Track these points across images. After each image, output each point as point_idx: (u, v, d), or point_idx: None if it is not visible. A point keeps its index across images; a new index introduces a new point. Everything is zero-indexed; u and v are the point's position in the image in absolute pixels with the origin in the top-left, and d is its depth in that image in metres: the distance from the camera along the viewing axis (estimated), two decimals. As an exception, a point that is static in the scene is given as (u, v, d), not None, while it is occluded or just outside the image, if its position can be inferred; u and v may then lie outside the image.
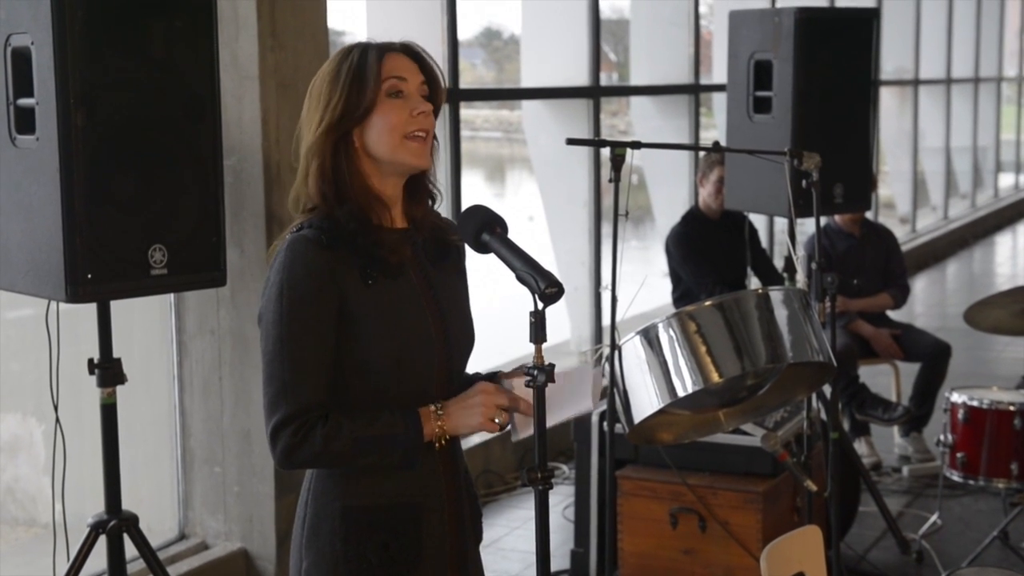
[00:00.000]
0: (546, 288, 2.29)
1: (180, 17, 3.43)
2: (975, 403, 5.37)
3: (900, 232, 13.46)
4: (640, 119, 8.97)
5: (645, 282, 4.46)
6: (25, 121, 3.30)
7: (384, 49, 2.38)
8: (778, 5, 9.95)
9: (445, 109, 6.34)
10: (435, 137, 2.46)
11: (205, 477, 4.98)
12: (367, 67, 2.33)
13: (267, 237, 4.79)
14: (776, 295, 3.88)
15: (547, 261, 5.47)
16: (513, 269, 2.36)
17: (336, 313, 2.33)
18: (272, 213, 4.80)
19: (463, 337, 2.55)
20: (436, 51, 6.36)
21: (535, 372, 2.35)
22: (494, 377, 2.55)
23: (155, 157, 3.39)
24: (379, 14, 6.49)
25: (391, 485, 2.38)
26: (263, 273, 4.69)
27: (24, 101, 3.30)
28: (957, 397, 5.45)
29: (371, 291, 2.36)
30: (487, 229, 2.43)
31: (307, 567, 2.40)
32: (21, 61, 3.28)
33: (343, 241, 2.35)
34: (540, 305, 2.32)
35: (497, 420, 2.43)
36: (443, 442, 2.41)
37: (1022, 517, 5.25)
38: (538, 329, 2.36)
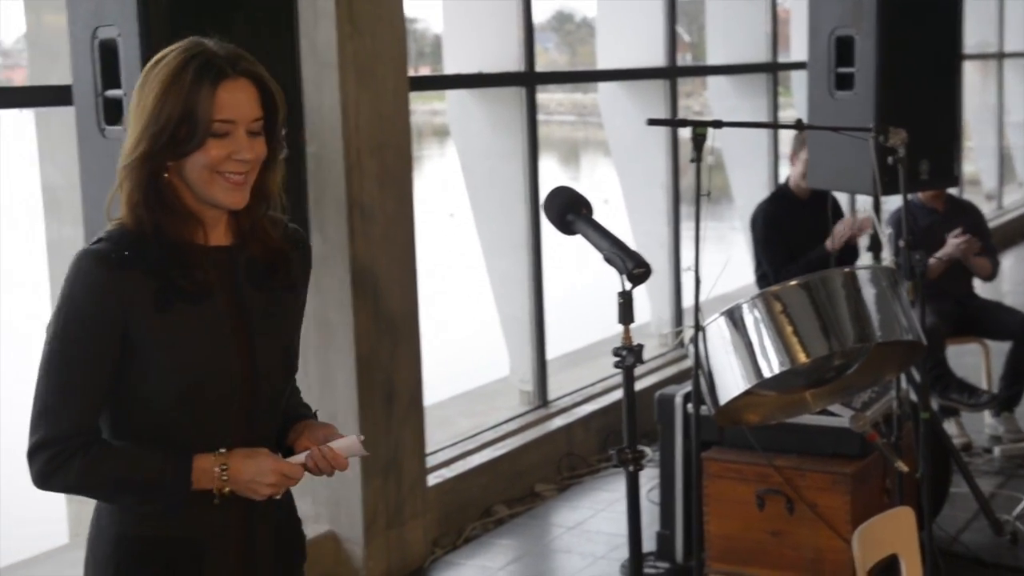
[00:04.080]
0: (634, 268, 2.27)
1: (261, 8, 3.45)
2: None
3: (986, 209, 13.26)
4: (717, 99, 8.91)
5: (728, 263, 4.44)
6: (113, 112, 3.32)
7: (220, 77, 2.09)
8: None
9: (520, 94, 6.33)
10: (269, 159, 2.20)
11: (294, 460, 5.01)
12: (198, 104, 2.07)
13: (348, 223, 4.81)
14: (863, 274, 3.84)
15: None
16: (600, 250, 2.34)
17: (118, 339, 2.10)
18: (353, 199, 4.82)
19: (277, 368, 2.27)
20: (511, 35, 6.35)
21: (624, 353, 2.33)
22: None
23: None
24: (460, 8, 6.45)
25: (171, 518, 2.17)
26: (344, 259, 4.79)
27: (112, 92, 3.32)
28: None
29: (163, 318, 2.11)
30: (572, 210, 2.42)
31: None
32: (108, 53, 3.30)
33: (139, 260, 2.10)
34: (628, 286, 2.30)
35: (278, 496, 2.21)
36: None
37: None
38: (626, 310, 2.35)
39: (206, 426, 2.16)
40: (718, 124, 4.16)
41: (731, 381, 3.76)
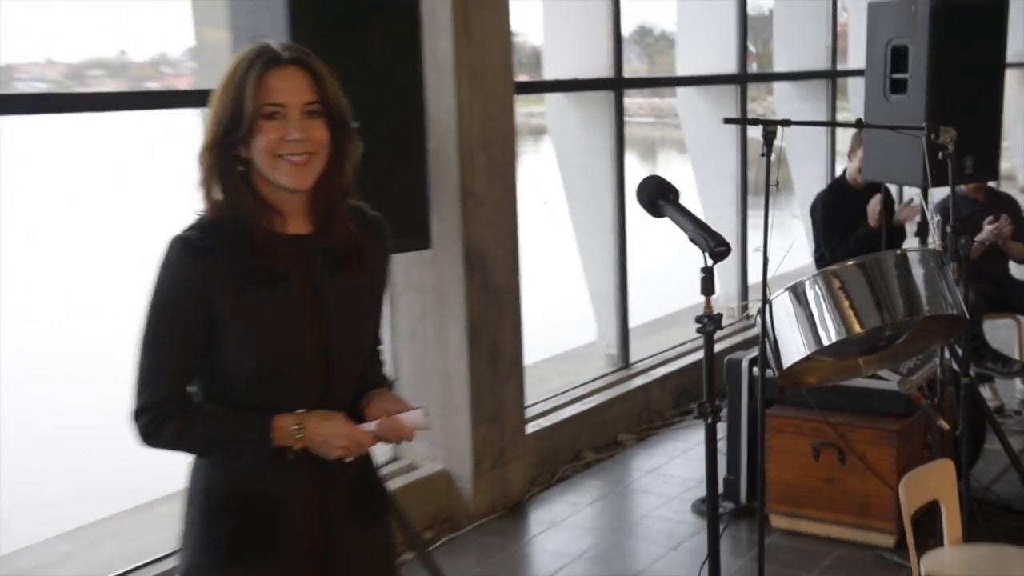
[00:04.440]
0: (715, 247, 2.26)
1: (391, 22, 3.47)
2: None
3: (1022, 200, 13.04)
4: (781, 103, 8.80)
5: (792, 245, 4.41)
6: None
7: (268, 65, 2.01)
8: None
9: (609, 97, 6.32)
10: (341, 151, 2.11)
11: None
12: (246, 90, 1.99)
13: (461, 208, 4.83)
14: (914, 255, 3.78)
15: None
16: (685, 231, 2.33)
17: (203, 318, 2.02)
18: (466, 188, 4.84)
19: (350, 348, 2.17)
20: (601, 47, 6.33)
21: (705, 320, 2.32)
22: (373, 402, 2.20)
23: (372, 142, 3.42)
24: (554, 15, 6.44)
25: (250, 476, 2.09)
26: (459, 239, 4.82)
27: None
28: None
29: (242, 300, 2.02)
30: (662, 196, 2.41)
31: (182, 530, 2.17)
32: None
33: (222, 246, 2.02)
34: (709, 262, 2.29)
35: (349, 459, 2.12)
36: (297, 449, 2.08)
37: None
38: (707, 283, 2.33)
39: (283, 398, 2.07)
40: (787, 123, 4.12)
41: (793, 348, 3.73)
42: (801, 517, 4.71)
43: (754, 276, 7.54)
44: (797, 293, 3.72)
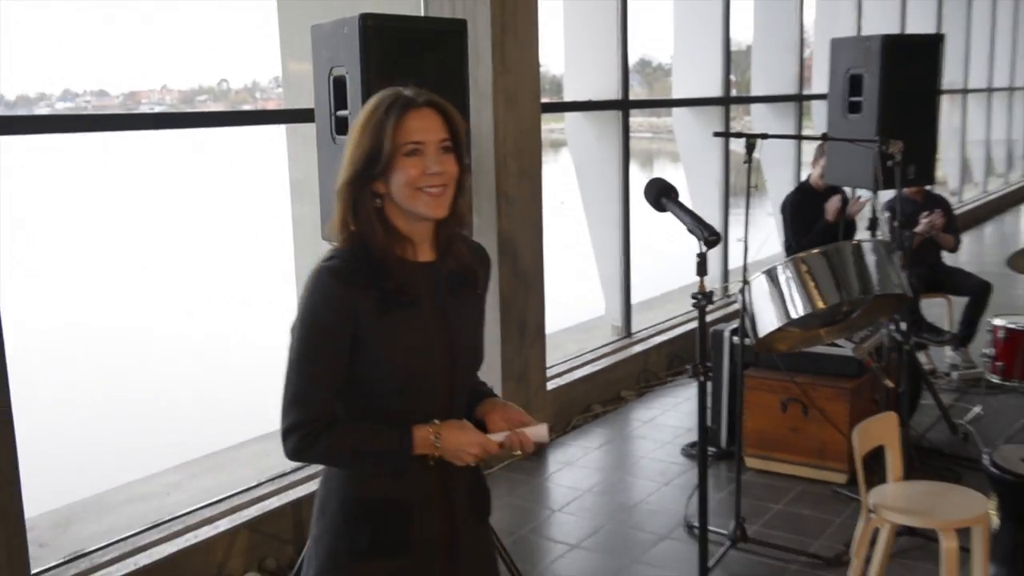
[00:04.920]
0: (709, 236, 2.26)
1: (442, 53, 3.46)
2: (1012, 326, 5.23)
3: (952, 201, 12.96)
4: (758, 121, 8.75)
5: (767, 238, 4.43)
6: (342, 126, 3.36)
7: (406, 107, 1.88)
8: (864, 32, 9.64)
9: (618, 116, 6.31)
10: (460, 183, 1.95)
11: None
12: (386, 129, 1.86)
13: (496, 206, 4.84)
14: (866, 245, 3.79)
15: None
16: (684, 223, 2.34)
17: (349, 340, 1.88)
18: (500, 189, 4.85)
19: (470, 361, 2.04)
20: (611, 75, 6.32)
21: (699, 296, 2.33)
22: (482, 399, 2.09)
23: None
24: (573, 48, 6.43)
25: (384, 483, 1.95)
26: (493, 231, 4.83)
27: (341, 112, 3.37)
28: (999, 321, 5.32)
29: (384, 321, 1.88)
30: (665, 195, 2.41)
31: (315, 535, 2.02)
32: (339, 85, 3.34)
33: (362, 274, 1.88)
34: (704, 249, 2.29)
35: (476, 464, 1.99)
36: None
37: (1045, 410, 5.03)
38: (701, 266, 2.35)
39: (417, 410, 1.94)
40: (764, 136, 4.12)
41: (767, 320, 3.74)
42: (771, 459, 4.71)
43: (734, 262, 7.54)
44: (771, 275, 3.73)
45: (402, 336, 1.91)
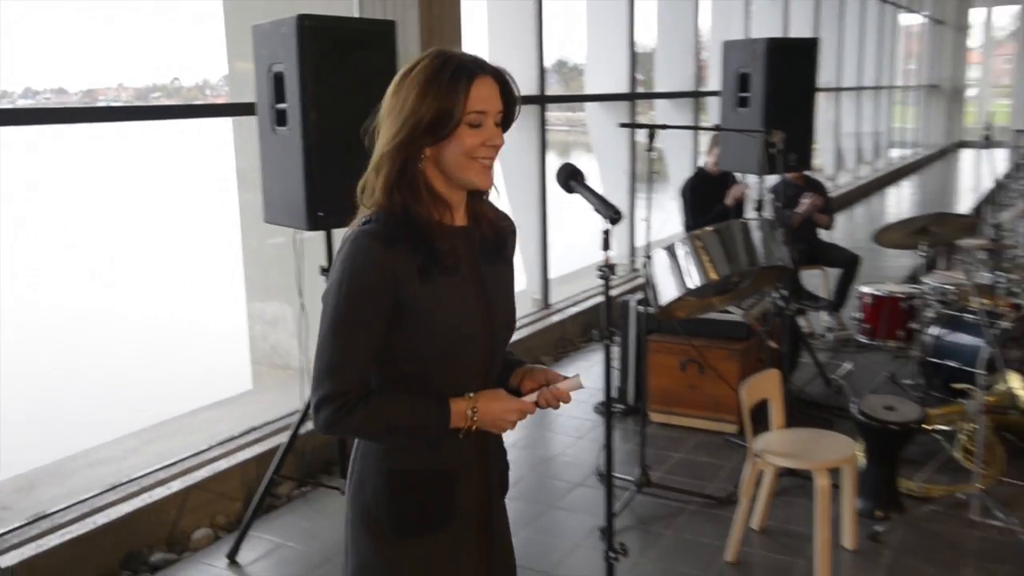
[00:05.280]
0: (612, 215, 2.26)
1: (373, 51, 3.41)
2: (877, 293, 5.33)
3: (828, 186, 13.24)
4: (661, 115, 8.81)
5: (667, 218, 4.47)
6: (280, 118, 3.31)
7: (474, 74, 1.65)
8: (752, 35, 9.77)
9: (536, 109, 6.30)
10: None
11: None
12: (458, 94, 1.63)
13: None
14: (753, 223, 3.83)
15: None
16: (591, 203, 2.32)
17: (390, 306, 1.64)
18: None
19: (506, 327, 1.81)
20: (531, 73, 6.30)
21: (605, 269, 2.33)
22: (515, 368, 1.88)
23: (360, 141, 3.40)
24: (497, 49, 6.39)
25: (429, 453, 1.73)
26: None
27: (280, 105, 3.30)
28: (866, 289, 5.42)
29: (426, 287, 1.65)
30: (573, 178, 2.41)
31: (352, 517, 1.78)
32: (279, 80, 3.28)
33: (404, 238, 1.65)
34: (608, 226, 2.29)
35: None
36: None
37: (904, 364, 5.17)
38: (606, 242, 2.34)
39: (458, 376, 1.71)
40: (664, 127, 4.15)
41: (668, 291, 3.78)
42: (672, 413, 4.78)
43: (640, 240, 7.61)
44: (671, 251, 3.77)
45: (444, 303, 1.67)
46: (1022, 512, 3.70)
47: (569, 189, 2.43)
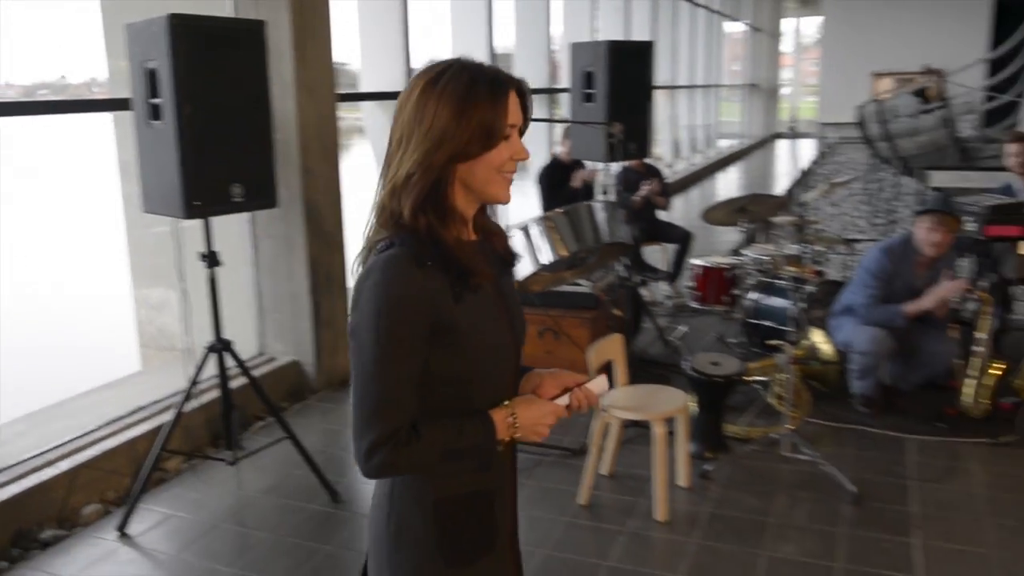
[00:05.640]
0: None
1: (245, 49, 3.28)
2: (706, 264, 5.51)
3: (667, 172, 13.58)
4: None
5: (528, 203, 4.47)
6: (155, 112, 3.14)
7: (507, 87, 1.42)
8: (599, 38, 9.89)
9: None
10: None
11: (272, 320, 4.91)
12: (498, 111, 1.40)
13: (302, 180, 4.67)
14: (598, 206, 3.90)
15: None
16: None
17: (428, 330, 1.40)
18: (305, 166, 4.68)
19: (523, 338, 1.61)
20: (400, 70, 6.19)
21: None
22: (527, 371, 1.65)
23: (234, 133, 3.26)
24: (368, 48, 6.25)
25: (471, 475, 1.51)
26: (300, 201, 4.67)
27: (154, 100, 3.14)
28: (697, 261, 5.60)
29: (460, 307, 1.42)
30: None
31: (400, 560, 1.50)
32: (152, 76, 3.11)
33: (433, 259, 1.41)
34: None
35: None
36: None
37: (730, 325, 5.38)
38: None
39: (495, 392, 1.50)
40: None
41: (523, 266, 3.80)
42: (532, 376, 4.83)
43: (504, 222, 7.62)
44: (525, 230, 3.79)
45: (477, 321, 1.46)
46: (824, 447, 3.93)
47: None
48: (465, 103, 1.38)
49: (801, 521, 3.35)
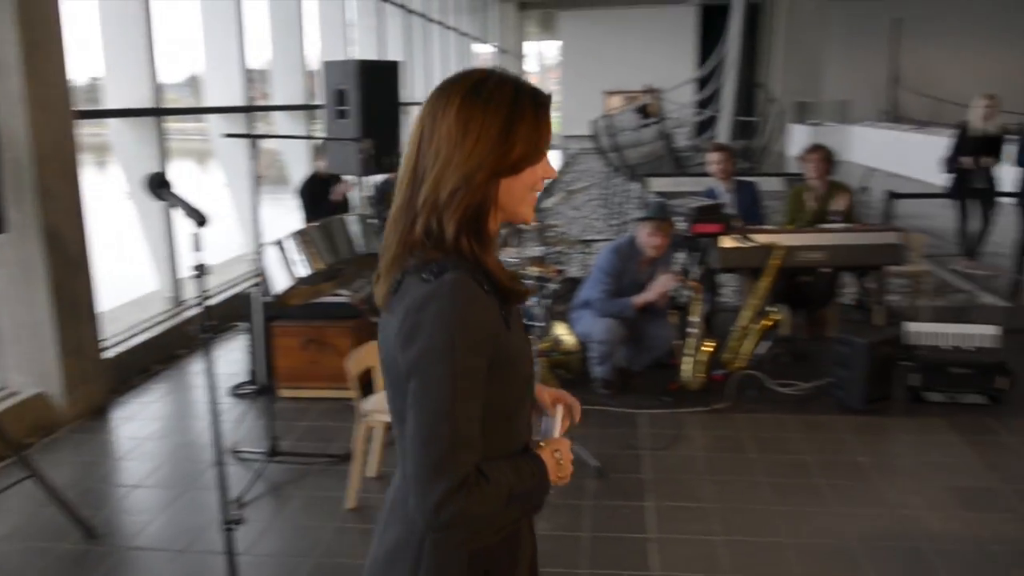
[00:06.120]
0: (199, 220, 2.12)
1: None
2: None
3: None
4: (280, 126, 8.49)
5: (288, 214, 4.32)
6: None
7: (548, 102, 1.27)
8: (357, 57, 9.77)
9: (154, 121, 5.76)
10: None
11: (14, 352, 4.36)
12: (542, 128, 1.25)
13: (38, 202, 4.18)
14: (351, 218, 3.83)
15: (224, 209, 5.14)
16: (181, 209, 2.17)
17: (489, 361, 1.20)
18: (42, 187, 4.20)
19: None
20: (147, 87, 5.73)
21: (201, 267, 2.18)
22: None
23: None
24: (113, 66, 5.72)
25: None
26: (37, 224, 4.17)
27: None
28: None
29: (508, 333, 1.23)
30: (162, 187, 2.22)
31: None
32: None
33: (487, 284, 1.21)
34: (197, 229, 2.15)
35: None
36: None
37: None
38: (196, 241, 2.19)
39: (522, 429, 1.30)
40: (265, 136, 3.99)
41: (281, 281, 3.65)
42: (300, 387, 4.66)
43: (267, 237, 7.28)
44: (280, 245, 3.64)
45: (519, 347, 1.27)
46: (572, 428, 4.13)
47: (159, 197, 2.24)
48: (512, 116, 1.22)
49: (551, 498, 3.48)
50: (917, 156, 13.54)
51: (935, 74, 22.12)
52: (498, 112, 1.21)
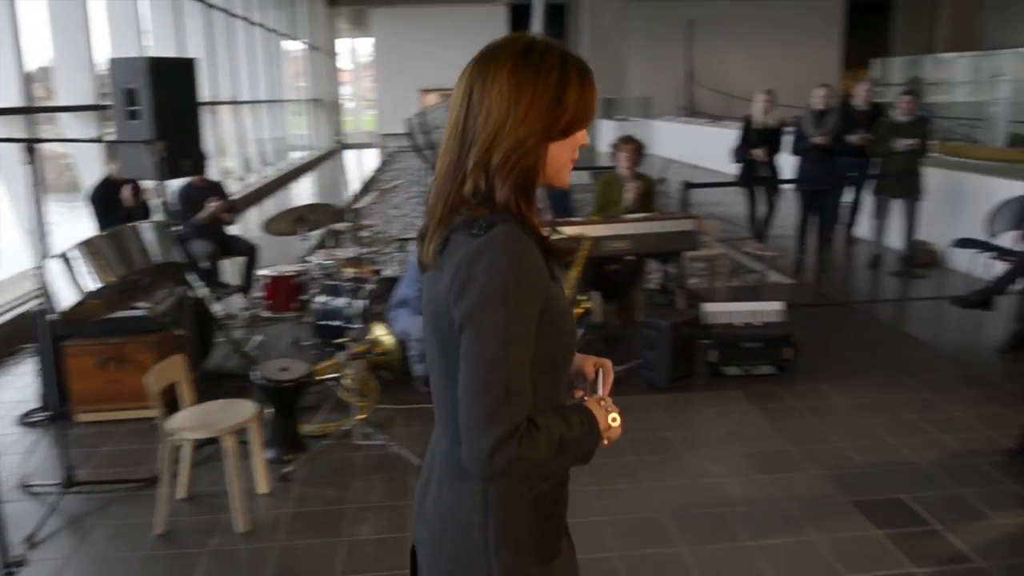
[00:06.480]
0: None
1: None
2: (273, 273, 5.41)
3: (240, 186, 13.11)
4: (68, 127, 7.72)
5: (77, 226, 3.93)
6: None
7: (590, 72, 1.28)
8: (153, 54, 9.07)
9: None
10: None
11: None
12: (588, 91, 1.25)
13: None
14: (145, 226, 3.60)
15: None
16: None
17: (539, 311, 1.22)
18: None
19: None
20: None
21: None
22: None
23: None
24: None
25: (549, 493, 1.33)
26: None
27: None
28: (264, 272, 5.46)
29: (555, 287, 1.26)
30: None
31: (509, 561, 1.27)
32: None
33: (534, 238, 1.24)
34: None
35: None
36: None
37: (303, 329, 5.31)
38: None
39: (569, 383, 1.36)
40: (39, 140, 3.62)
41: (68, 296, 3.36)
42: (99, 410, 4.30)
43: (57, 249, 6.63)
44: (64, 257, 3.35)
45: (564, 303, 1.27)
46: (396, 428, 4.10)
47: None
48: (563, 81, 1.23)
49: (376, 501, 3.45)
50: (711, 148, 14.61)
51: (725, 71, 23.96)
52: (549, 77, 1.23)
